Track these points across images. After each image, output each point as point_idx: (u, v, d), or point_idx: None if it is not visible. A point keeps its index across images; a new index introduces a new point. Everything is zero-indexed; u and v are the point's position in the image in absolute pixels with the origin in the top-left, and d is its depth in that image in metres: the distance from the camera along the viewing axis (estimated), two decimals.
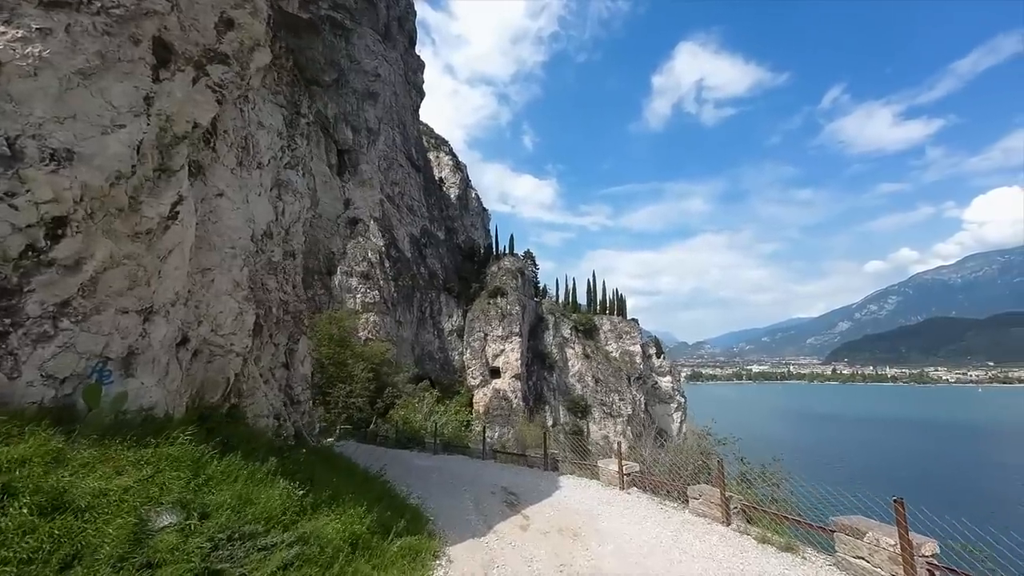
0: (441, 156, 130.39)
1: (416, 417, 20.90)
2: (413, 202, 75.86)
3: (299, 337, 9.84)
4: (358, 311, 59.24)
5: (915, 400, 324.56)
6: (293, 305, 9.32)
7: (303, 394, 9.98)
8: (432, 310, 70.34)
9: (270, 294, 8.25)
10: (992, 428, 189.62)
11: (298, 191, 9.81)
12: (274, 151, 8.99)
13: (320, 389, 26.83)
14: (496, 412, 65.07)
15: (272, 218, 8.65)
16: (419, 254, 72.47)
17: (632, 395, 74.30)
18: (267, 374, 8.69)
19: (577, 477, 12.57)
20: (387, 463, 15.63)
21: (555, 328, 75.91)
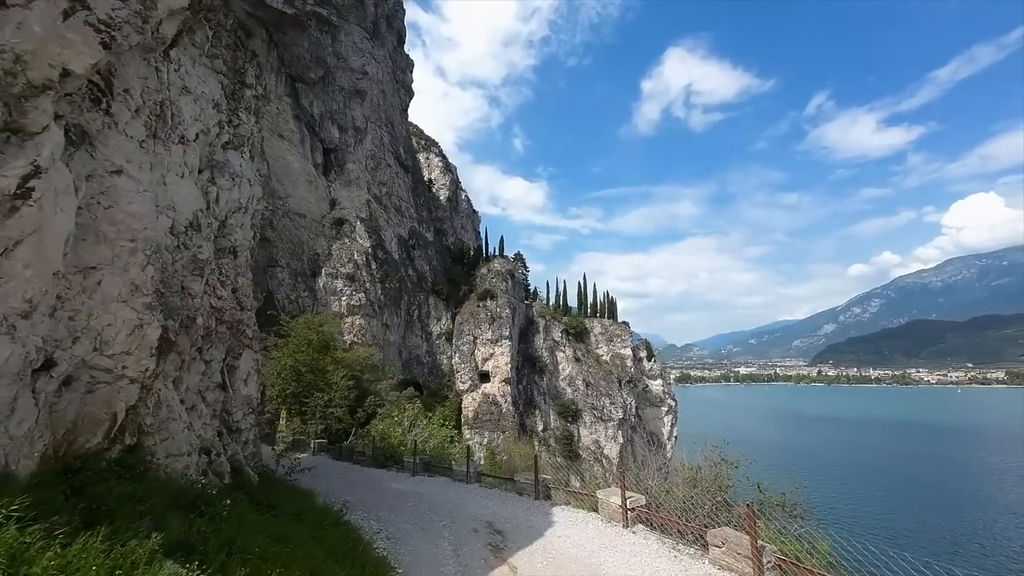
0: (431, 157, 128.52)
1: (395, 432, 19.02)
2: (401, 202, 73.94)
3: (241, 351, 8.12)
4: (343, 314, 57.16)
5: (898, 401, 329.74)
6: (231, 314, 7.60)
7: (246, 420, 8.24)
8: (420, 313, 68.43)
9: (194, 300, 6.53)
10: (970, 429, 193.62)
11: (240, 176, 8.08)
12: (206, 125, 7.28)
13: (297, 398, 24.97)
14: (485, 417, 63.31)
15: (202, 206, 6.95)
16: (407, 256, 70.57)
17: (623, 399, 72.94)
18: (194, 399, 6.97)
19: (573, 509, 10.92)
20: (359, 489, 13.90)
21: (545, 331, 74.37)
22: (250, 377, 8.30)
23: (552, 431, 68.62)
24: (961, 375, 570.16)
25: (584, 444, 69.47)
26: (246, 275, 8.63)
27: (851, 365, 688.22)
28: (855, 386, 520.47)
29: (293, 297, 53.25)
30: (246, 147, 8.52)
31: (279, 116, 59.52)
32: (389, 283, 62.78)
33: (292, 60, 62.98)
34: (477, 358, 66.64)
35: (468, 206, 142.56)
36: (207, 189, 7.23)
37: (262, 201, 9.66)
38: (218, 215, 7.42)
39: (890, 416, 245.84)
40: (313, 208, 60.61)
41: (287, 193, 56.33)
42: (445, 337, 69.67)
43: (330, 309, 56.38)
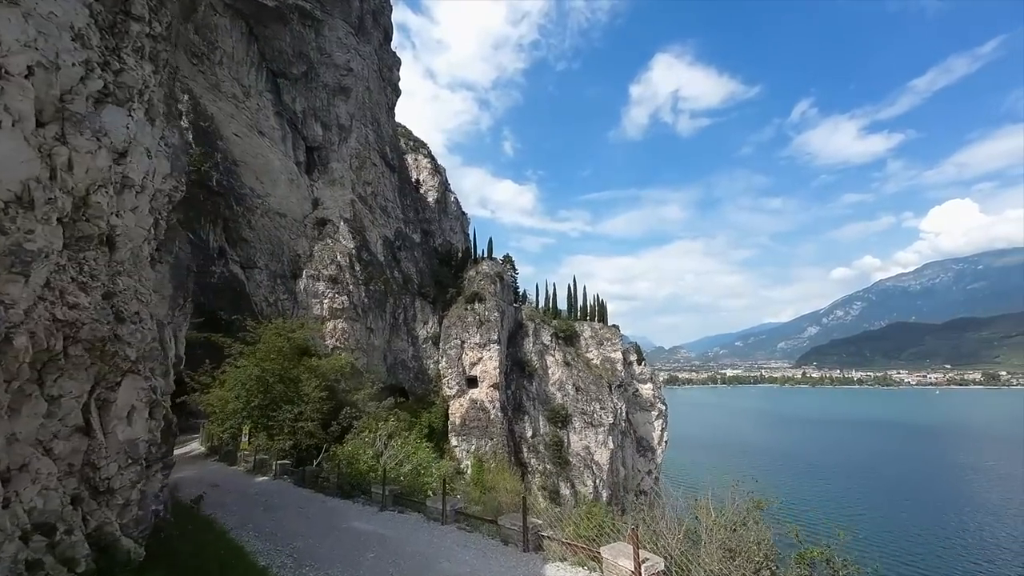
0: (419, 159, 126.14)
1: (365, 455, 16.49)
2: (387, 203, 71.46)
3: (119, 380, 5.87)
4: (325, 317, 54.52)
5: (880, 402, 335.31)
6: (94, 329, 5.34)
7: (127, 473, 5.95)
8: (406, 316, 65.93)
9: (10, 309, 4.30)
10: (947, 430, 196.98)
11: (115, 138, 5.84)
12: (50, 58, 5.05)
13: (264, 411, 22.44)
14: (473, 424, 60.97)
15: (39, 174, 4.75)
16: (393, 257, 68.07)
17: (613, 403, 71.04)
18: (25, 453, 4.73)
19: (570, 567, 8.72)
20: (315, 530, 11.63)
21: (535, 335, 72.25)
22: (135, 414, 6.01)
23: (541, 437, 66.47)
24: (940, 376, 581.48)
25: (574, 450, 67.42)
26: (138, 275, 6.38)
27: (834, 367, 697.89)
28: (839, 388, 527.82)
29: (272, 300, 50.49)
30: (137, 103, 6.28)
31: (259, 112, 56.83)
32: (374, 285, 60.25)
33: (273, 55, 60.31)
34: (465, 363, 64.33)
35: (457, 208, 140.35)
36: (52, 151, 4.99)
37: (172, 180, 7.40)
38: (72, 189, 5.17)
39: (873, 417, 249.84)
40: (294, 207, 57.93)
41: (267, 192, 53.62)
42: (432, 341, 67.25)
43: (311, 312, 53.72)
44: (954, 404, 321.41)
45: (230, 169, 48.93)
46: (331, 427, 23.03)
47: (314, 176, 64.16)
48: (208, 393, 22.76)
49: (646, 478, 78.47)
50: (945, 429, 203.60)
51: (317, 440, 21.50)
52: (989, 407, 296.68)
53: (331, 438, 22.46)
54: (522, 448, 64.21)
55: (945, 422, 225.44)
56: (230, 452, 20.34)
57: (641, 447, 79.75)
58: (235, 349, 23.24)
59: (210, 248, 44.78)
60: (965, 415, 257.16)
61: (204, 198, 44.29)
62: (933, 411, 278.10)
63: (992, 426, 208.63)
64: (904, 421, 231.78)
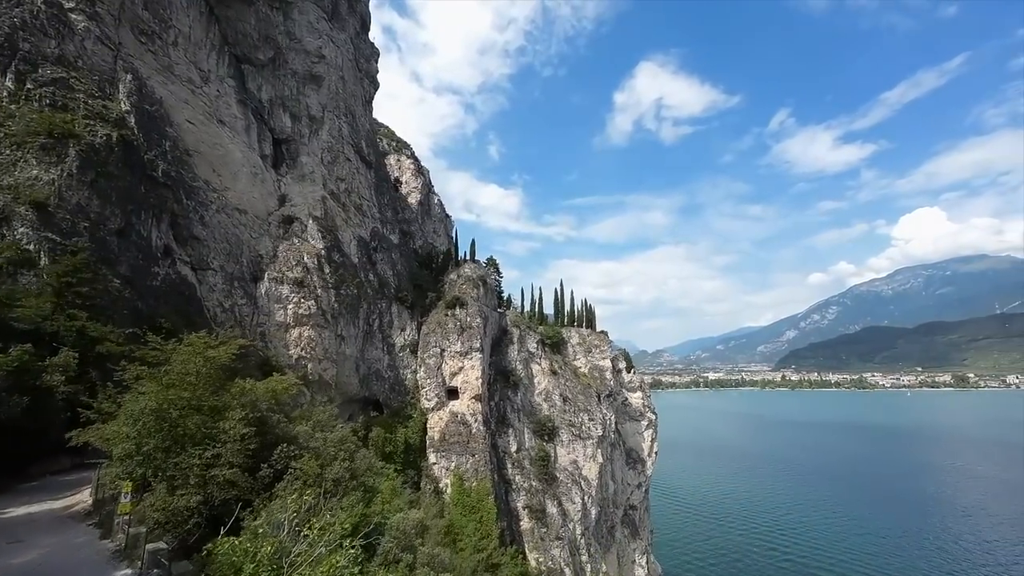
0: (402, 159, 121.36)
1: (258, 552, 10.33)
2: (363, 201, 66.23)
3: None
4: (289, 324, 49.06)
5: (857, 405, 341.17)
6: None
7: None
8: (381, 323, 60.68)
9: None
10: (920, 432, 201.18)
11: None
12: None
13: (166, 456, 16.47)
14: (453, 439, 55.94)
15: None
16: (367, 259, 62.82)
17: (602, 414, 66.70)
18: None
19: None
20: None
21: (520, 342, 67.58)
22: None
23: (527, 452, 61.70)
24: (912, 378, 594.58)
25: (561, 464, 62.80)
26: None
27: (812, 370, 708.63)
28: (817, 390, 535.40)
29: (227, 305, 44.88)
30: None
31: (219, 99, 51.38)
32: (345, 289, 54.99)
33: (237, 38, 54.87)
34: (444, 372, 59.34)
35: (441, 210, 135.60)
36: None
37: None
38: None
39: (852, 420, 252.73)
40: (257, 204, 52.43)
41: (224, 186, 48.11)
42: (409, 349, 62.08)
43: (273, 319, 48.26)
44: (926, 406, 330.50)
45: (181, 159, 43.39)
46: (260, 471, 17.84)
47: (282, 171, 58.80)
48: (104, 426, 17.52)
49: (636, 491, 74.25)
50: (919, 431, 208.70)
51: (239, 491, 16.29)
52: (959, 409, 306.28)
53: (260, 486, 17.32)
54: (506, 464, 59.37)
55: (919, 424, 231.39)
56: (112, 514, 15.16)
57: (631, 459, 75.52)
58: (130, 373, 18.02)
59: (153, 246, 39.11)
60: (937, 417, 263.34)
61: (146, 190, 38.66)
62: (907, 413, 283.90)
63: (963, 428, 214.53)
64: (881, 424, 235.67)
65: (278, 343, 48.06)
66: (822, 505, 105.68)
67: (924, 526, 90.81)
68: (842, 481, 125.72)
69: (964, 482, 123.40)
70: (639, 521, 73.37)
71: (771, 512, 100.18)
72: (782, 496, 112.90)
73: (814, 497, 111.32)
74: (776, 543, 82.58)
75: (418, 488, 54.03)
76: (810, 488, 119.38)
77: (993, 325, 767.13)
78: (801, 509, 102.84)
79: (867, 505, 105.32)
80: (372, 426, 53.35)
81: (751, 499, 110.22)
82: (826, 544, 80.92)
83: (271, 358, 46.44)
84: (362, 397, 57.49)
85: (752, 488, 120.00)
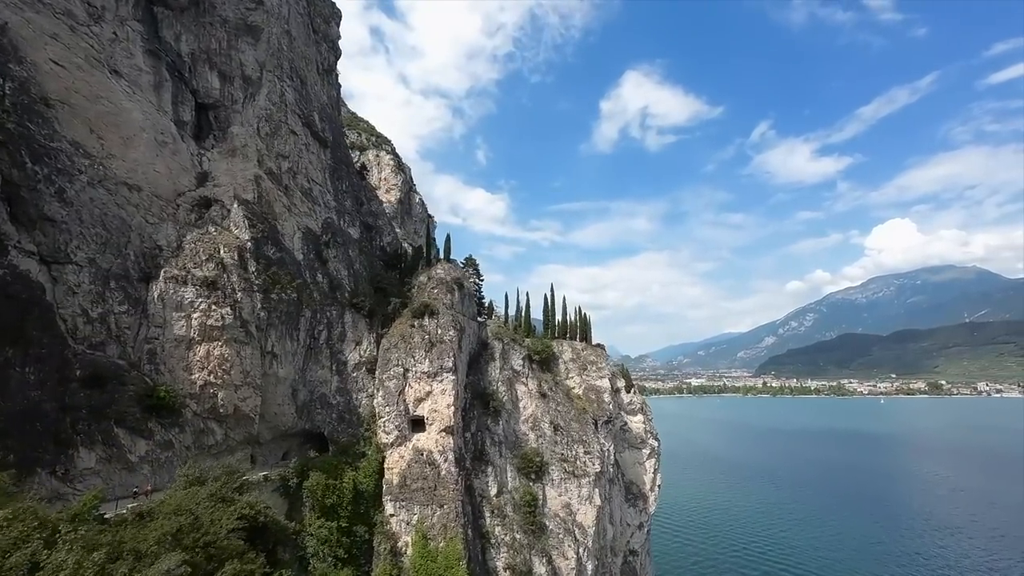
0: (382, 155, 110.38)
1: None
2: (313, 185, 53.67)
3: None
4: (193, 339, 36.22)
5: (836, 412, 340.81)
6: None
7: None
8: (330, 335, 48.07)
9: None
10: (892, 438, 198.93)
11: None
12: None
13: None
14: (416, 484, 43.50)
15: None
16: (316, 256, 50.23)
17: (600, 445, 54.97)
18: None
19: None
20: None
21: (503, 358, 55.55)
22: None
23: (509, 495, 49.54)
24: (888, 385, 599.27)
25: (551, 509, 50.77)
26: None
27: (791, 376, 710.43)
28: (797, 397, 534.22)
29: (97, 314, 31.90)
30: None
31: (116, 44, 38.51)
32: (280, 293, 42.33)
33: None
34: (408, 398, 46.95)
35: (423, 209, 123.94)
36: None
37: None
38: None
39: (835, 428, 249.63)
40: (161, 180, 39.60)
41: (108, 152, 35.32)
42: (366, 368, 49.53)
43: (170, 332, 35.35)
44: (907, 413, 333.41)
45: (31, 108, 30.55)
46: None
47: (207, 143, 46.08)
48: None
49: (636, 533, 62.54)
50: (908, 440, 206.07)
51: None
52: (932, 416, 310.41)
53: None
54: (483, 512, 47.10)
55: (896, 432, 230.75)
56: None
57: (631, 494, 63.84)
58: None
59: None
60: (920, 423, 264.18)
61: None
62: (891, 421, 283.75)
63: (936, 435, 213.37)
64: (872, 432, 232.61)
65: (176, 365, 35.18)
66: (838, 527, 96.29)
67: (920, 543, 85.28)
68: (850, 499, 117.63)
69: (952, 495, 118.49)
70: (640, 568, 61.66)
71: (781, 534, 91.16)
72: (786, 515, 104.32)
73: (822, 517, 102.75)
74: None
75: (369, 549, 41.43)
76: (816, 507, 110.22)
77: (962, 333, 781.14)
78: (812, 531, 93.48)
79: (879, 527, 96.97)
80: (309, 470, 40.59)
81: (753, 518, 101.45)
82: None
83: (160, 388, 33.58)
84: (300, 431, 44.71)
85: (753, 505, 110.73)
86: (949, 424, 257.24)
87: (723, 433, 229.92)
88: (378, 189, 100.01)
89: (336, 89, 70.07)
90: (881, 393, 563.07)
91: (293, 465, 39.88)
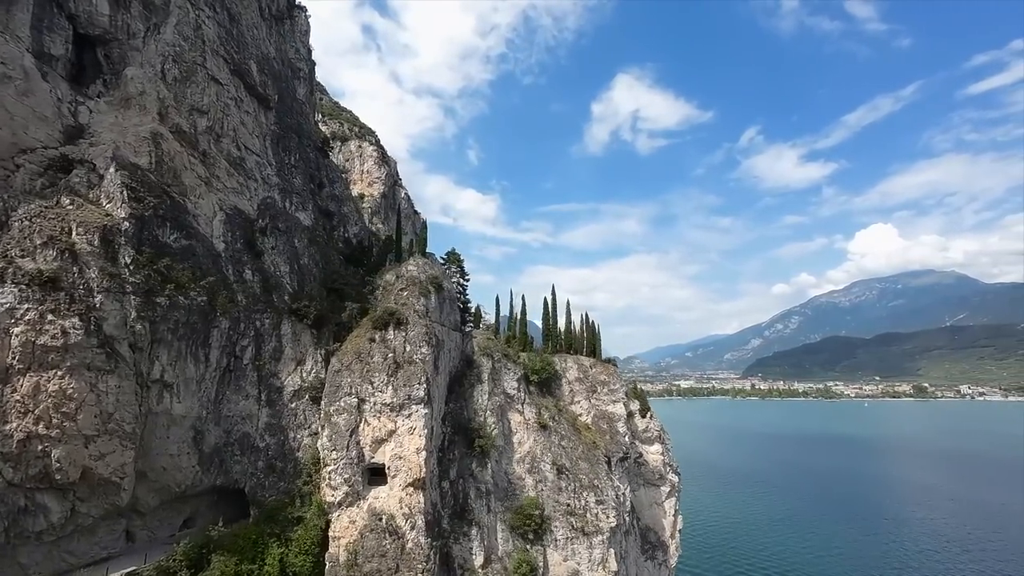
0: (364, 146, 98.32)
1: None
2: (247, 154, 40.62)
3: None
4: (13, 367, 23.15)
5: (825, 415, 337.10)
6: None
7: None
8: (259, 352, 35.07)
9: None
10: (875, 443, 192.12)
11: None
12: None
13: None
14: (371, 564, 30.69)
15: None
16: (246, 246, 37.23)
17: (615, 490, 42.66)
18: None
19: None
20: None
21: (492, 379, 43.01)
22: None
23: (499, 564, 36.95)
24: (874, 388, 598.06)
25: None
26: None
27: (778, 378, 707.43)
28: (786, 400, 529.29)
29: None
30: None
31: None
32: (177, 295, 29.29)
33: None
34: (364, 438, 34.08)
35: (409, 206, 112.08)
36: None
37: None
38: None
39: (829, 432, 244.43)
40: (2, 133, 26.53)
41: None
42: (309, 397, 36.59)
43: None
44: (882, 416, 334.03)
45: None
46: None
47: (94, 89, 33.07)
48: None
49: None
50: (884, 443, 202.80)
51: None
52: (917, 420, 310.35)
53: None
54: None
55: (884, 435, 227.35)
56: None
57: (647, 543, 51.67)
58: None
59: None
60: (912, 429, 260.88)
61: None
62: (879, 426, 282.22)
63: (920, 440, 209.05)
64: (852, 435, 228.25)
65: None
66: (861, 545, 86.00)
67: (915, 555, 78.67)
68: (846, 510, 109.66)
69: (945, 504, 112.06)
70: None
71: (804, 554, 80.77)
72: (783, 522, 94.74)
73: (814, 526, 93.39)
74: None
75: None
76: (833, 521, 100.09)
77: (943, 336, 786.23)
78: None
79: (877, 537, 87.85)
80: (211, 552, 27.59)
81: (777, 531, 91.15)
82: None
83: None
84: (209, 487, 31.65)
85: (768, 518, 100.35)
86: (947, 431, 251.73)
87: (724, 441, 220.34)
88: (360, 182, 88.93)
89: (296, 48, 57.02)
90: (868, 396, 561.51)
91: (182, 549, 26.74)
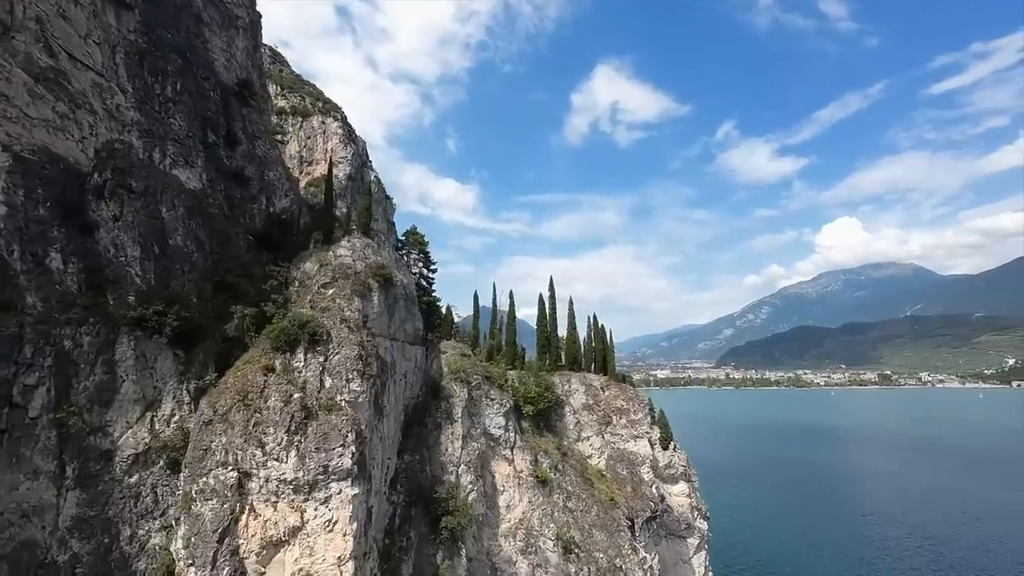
0: (328, 122, 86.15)
1: None
2: (76, 71, 25.06)
3: None
4: None
5: (793, 404, 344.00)
6: None
7: None
8: (63, 394, 20.20)
9: None
10: (843, 432, 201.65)
11: None
12: None
13: None
14: None
15: None
16: (59, 215, 22.04)
17: (644, 571, 29.63)
18: None
19: None
20: None
21: (469, 415, 29.23)
22: None
23: None
24: (841, 376, 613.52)
25: None
26: None
27: (750, 367, 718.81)
28: (759, 389, 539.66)
29: None
30: None
31: None
32: None
33: None
34: (247, 541, 19.73)
35: (380, 190, 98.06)
36: None
37: None
38: None
39: (790, 420, 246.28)
40: None
41: None
42: (165, 462, 21.91)
43: None
44: (847, 403, 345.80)
45: None
46: None
47: None
48: None
49: None
50: (852, 432, 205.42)
51: None
52: (880, 408, 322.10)
53: None
54: None
55: (853, 423, 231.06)
56: None
57: None
58: None
59: None
60: (882, 417, 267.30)
61: None
62: (835, 414, 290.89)
63: (885, 428, 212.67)
64: (813, 423, 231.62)
65: None
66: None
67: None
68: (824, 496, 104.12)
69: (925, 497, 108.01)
70: None
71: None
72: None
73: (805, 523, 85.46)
74: None
75: None
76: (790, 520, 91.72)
77: (904, 326, 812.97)
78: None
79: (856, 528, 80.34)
80: None
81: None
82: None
83: None
84: None
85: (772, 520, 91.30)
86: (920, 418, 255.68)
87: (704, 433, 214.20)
88: (321, 163, 75.92)
89: None
90: (836, 384, 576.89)
91: None
